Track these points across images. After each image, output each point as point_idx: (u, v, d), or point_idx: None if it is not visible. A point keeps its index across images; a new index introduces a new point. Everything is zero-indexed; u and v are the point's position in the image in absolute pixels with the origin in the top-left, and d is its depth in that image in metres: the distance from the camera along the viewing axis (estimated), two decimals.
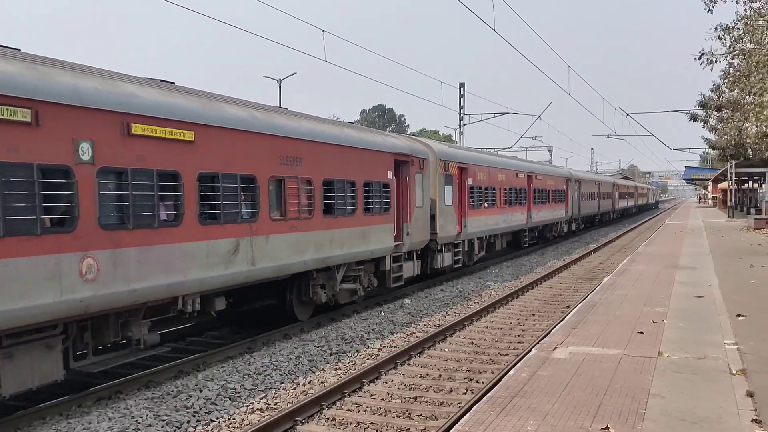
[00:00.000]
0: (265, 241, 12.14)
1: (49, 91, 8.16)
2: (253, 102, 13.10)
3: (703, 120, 49.44)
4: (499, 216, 27.08)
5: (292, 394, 10.11)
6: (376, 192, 16.29)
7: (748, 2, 24.15)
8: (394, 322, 15.27)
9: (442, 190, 20.93)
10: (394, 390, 10.29)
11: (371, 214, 16.07)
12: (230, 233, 11.28)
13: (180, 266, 10.19)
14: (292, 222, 12.99)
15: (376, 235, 16.33)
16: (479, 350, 12.85)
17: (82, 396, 9.50)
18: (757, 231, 37.28)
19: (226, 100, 12.00)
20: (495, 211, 26.47)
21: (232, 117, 11.46)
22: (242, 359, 11.78)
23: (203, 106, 10.93)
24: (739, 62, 27.75)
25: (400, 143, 18.27)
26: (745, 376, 8.38)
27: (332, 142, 14.45)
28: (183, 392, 9.94)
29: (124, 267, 9.16)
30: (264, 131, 12.17)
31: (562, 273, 24.53)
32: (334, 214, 14.45)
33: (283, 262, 12.70)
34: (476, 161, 24.77)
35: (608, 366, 8.99)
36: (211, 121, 10.86)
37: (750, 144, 41.21)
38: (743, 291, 15.45)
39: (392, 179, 17.25)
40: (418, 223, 18.79)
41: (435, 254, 20.52)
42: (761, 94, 23.48)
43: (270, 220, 12.32)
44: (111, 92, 9.12)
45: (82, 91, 8.65)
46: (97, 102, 8.81)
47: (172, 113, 10.10)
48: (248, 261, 11.67)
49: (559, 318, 14.59)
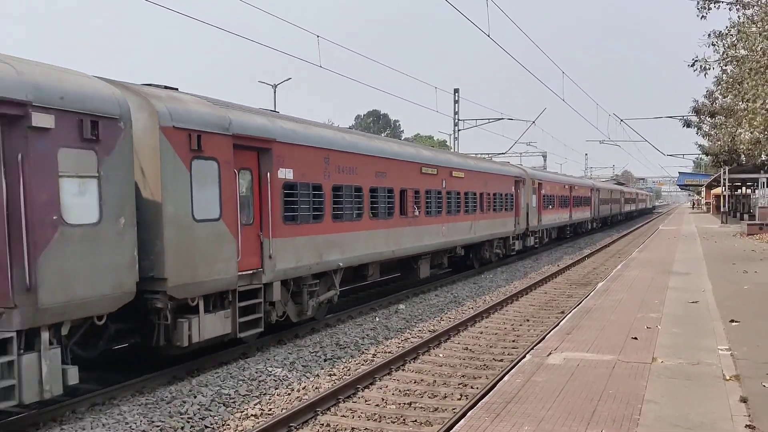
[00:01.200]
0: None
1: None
2: (396, 140, 20.55)
3: (696, 126, 49.73)
4: (557, 214, 39.10)
5: (287, 400, 10.09)
6: (503, 198, 27.78)
7: (741, 9, 24.32)
8: (388, 328, 15.26)
9: (531, 198, 32.31)
10: (389, 396, 10.29)
11: (503, 211, 27.85)
12: (383, 226, 17.07)
13: (364, 245, 16.10)
14: (467, 215, 23.30)
15: (504, 223, 28.13)
16: (474, 356, 12.85)
17: (76, 402, 9.46)
18: (750, 237, 37.42)
19: (346, 131, 16.81)
20: (555, 212, 38.43)
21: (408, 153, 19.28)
22: (236, 365, 11.75)
23: (334, 136, 15.10)
24: (732, 69, 27.90)
25: (516, 170, 31.08)
26: (739, 382, 8.41)
27: (476, 170, 24.57)
28: (177, 398, 9.91)
29: (344, 245, 15.24)
30: (412, 159, 19.24)
31: (557, 278, 24.57)
32: (484, 211, 25.27)
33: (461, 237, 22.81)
34: (546, 179, 36.60)
35: (602, 372, 9.01)
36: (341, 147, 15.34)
37: (743, 150, 41.44)
38: (737, 297, 15.50)
39: (514, 192, 29.28)
40: (522, 218, 30.73)
41: (527, 237, 32.04)
42: (754, 101, 23.60)
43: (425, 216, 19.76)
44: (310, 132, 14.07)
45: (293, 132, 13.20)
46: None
47: (317, 142, 14.12)
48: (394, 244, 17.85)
49: (553, 323, 14.61)
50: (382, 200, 17.12)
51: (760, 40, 22.44)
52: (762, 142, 31.25)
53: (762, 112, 23.74)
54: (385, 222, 17.23)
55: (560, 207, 39.61)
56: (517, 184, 30.26)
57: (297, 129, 13.72)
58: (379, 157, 16.98)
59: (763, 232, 38.56)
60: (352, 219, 15.51)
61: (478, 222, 24.68)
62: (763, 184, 48.63)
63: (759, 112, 24.02)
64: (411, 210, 18.91)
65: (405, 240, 18.43)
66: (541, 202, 34.31)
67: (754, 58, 23.57)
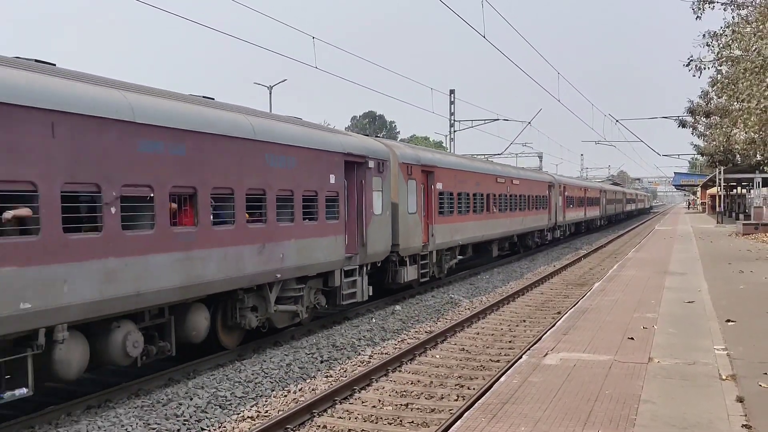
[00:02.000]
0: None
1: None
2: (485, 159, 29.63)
3: (691, 126, 49.82)
4: (576, 212, 47.21)
5: (283, 402, 10.07)
6: (542, 199, 36.06)
7: (736, 10, 24.38)
8: (385, 329, 15.25)
9: (558, 199, 40.31)
10: (386, 397, 10.27)
11: (541, 209, 36.06)
12: (478, 218, 25.30)
13: (471, 231, 24.08)
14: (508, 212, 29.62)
15: (542, 218, 36.53)
16: (470, 357, 12.85)
17: (72, 404, 9.43)
18: (745, 236, 37.52)
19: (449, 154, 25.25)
20: (575, 210, 46.44)
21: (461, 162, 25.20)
22: (233, 367, 11.72)
23: (459, 161, 24.94)
24: (727, 69, 27.94)
25: (548, 177, 39.75)
26: (735, 382, 8.41)
27: (525, 178, 32.83)
28: (173, 400, 9.87)
29: (462, 230, 23.38)
30: (491, 173, 27.80)
31: (553, 279, 24.59)
32: (530, 209, 33.24)
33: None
34: (568, 183, 45.12)
35: (599, 372, 9.01)
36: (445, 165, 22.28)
37: (738, 150, 41.53)
38: (732, 296, 15.53)
39: (547, 194, 37.53)
40: (553, 215, 38.82)
41: (555, 230, 40.43)
42: (749, 101, 23.60)
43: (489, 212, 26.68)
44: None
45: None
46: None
47: (452, 165, 23.47)
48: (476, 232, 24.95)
49: (550, 324, 14.61)
50: (479, 201, 25.59)
51: (754, 41, 22.47)
52: (757, 142, 31.32)
53: (757, 112, 23.76)
54: (479, 216, 25.55)
55: (578, 206, 47.88)
56: (549, 188, 38.39)
57: (443, 159, 23.13)
58: (476, 172, 25.66)
59: (759, 232, 38.68)
60: (464, 213, 23.81)
61: (527, 217, 33.18)
62: (759, 184, 48.80)
63: (754, 112, 24.04)
64: (492, 208, 27.23)
65: (489, 228, 26.82)
66: (565, 203, 42.52)
67: (748, 58, 23.61)
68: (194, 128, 10.49)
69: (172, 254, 9.95)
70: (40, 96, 8.14)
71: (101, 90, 9.24)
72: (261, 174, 11.98)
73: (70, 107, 8.47)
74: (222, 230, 11.05)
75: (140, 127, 9.49)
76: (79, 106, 8.63)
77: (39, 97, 8.12)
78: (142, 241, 9.47)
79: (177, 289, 10.09)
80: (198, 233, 10.48)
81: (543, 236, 37.70)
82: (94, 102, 8.87)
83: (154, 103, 10.05)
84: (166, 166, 9.91)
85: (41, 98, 8.14)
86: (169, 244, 9.90)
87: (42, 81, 8.37)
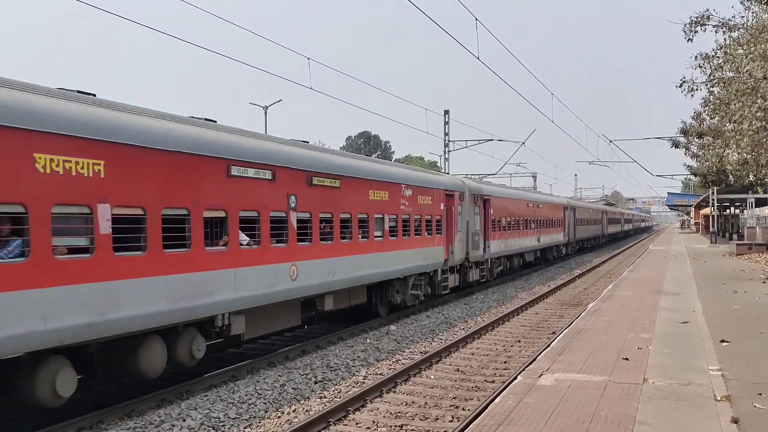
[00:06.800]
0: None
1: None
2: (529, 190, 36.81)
3: (684, 147, 50.12)
4: (585, 230, 54.72)
5: (277, 423, 10.00)
6: (559, 220, 42.52)
7: (728, 32, 24.64)
8: (379, 350, 15.19)
9: (571, 219, 47.04)
10: (380, 418, 10.21)
11: (559, 227, 42.83)
12: (518, 235, 32.31)
13: (514, 244, 31.89)
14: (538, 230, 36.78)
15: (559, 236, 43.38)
16: (465, 377, 12.79)
17: (63, 426, 9.34)
18: (739, 257, 37.60)
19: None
20: (584, 228, 54.39)
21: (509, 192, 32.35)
22: (226, 387, 11.66)
23: (506, 191, 32.46)
24: (719, 90, 28.21)
25: (564, 200, 46.90)
26: (730, 402, 8.40)
27: (549, 202, 41.19)
28: (166, 422, 9.80)
29: (509, 244, 31.50)
30: (530, 200, 36.06)
31: (548, 299, 24.57)
32: (551, 227, 40.30)
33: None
34: (579, 205, 53.51)
35: (594, 393, 8.99)
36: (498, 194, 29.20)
37: (731, 170, 41.63)
38: (727, 317, 15.53)
39: (563, 214, 43.68)
40: (567, 232, 44.91)
41: (568, 246, 47.82)
42: (741, 122, 23.79)
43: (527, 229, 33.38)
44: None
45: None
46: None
47: (501, 194, 31.21)
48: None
49: (544, 344, 14.58)
50: (518, 222, 32.46)
51: (746, 62, 22.71)
52: (750, 163, 31.47)
53: (749, 133, 23.92)
54: (519, 232, 32.63)
55: (588, 225, 56.96)
56: (564, 210, 45.09)
57: (494, 189, 29.92)
58: (515, 199, 32.92)
59: (752, 252, 38.76)
60: (511, 230, 31.03)
61: (549, 234, 40.31)
62: (752, 204, 48.98)
63: (746, 133, 24.20)
64: (526, 227, 34.30)
65: (524, 243, 33.97)
66: (575, 222, 49.49)
67: (740, 79, 23.85)
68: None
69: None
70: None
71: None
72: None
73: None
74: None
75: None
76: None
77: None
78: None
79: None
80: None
81: (559, 250, 44.79)
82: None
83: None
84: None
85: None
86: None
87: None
